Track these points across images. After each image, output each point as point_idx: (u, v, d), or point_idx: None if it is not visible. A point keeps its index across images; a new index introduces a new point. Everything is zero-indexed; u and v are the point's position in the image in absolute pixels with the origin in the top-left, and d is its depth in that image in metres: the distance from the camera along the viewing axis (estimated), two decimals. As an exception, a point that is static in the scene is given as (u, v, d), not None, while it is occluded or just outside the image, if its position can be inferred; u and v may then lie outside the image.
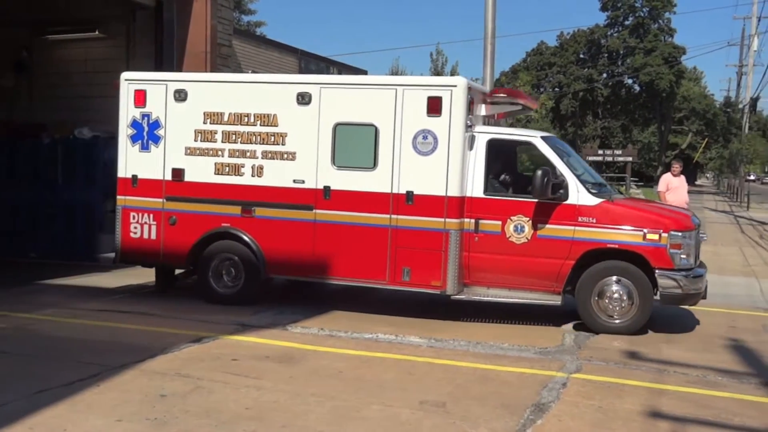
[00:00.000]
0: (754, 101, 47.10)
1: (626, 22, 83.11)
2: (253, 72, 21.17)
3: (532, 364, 8.23)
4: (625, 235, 9.52)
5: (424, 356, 8.41)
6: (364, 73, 29.41)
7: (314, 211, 10.24)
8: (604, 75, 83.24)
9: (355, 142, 10.14)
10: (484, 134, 10.05)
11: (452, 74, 50.45)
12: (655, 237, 9.45)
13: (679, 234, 9.54)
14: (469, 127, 9.83)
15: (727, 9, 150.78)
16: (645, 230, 9.49)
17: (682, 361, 8.50)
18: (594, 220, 9.59)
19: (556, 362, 8.29)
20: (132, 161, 11.00)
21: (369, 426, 6.15)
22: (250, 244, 10.50)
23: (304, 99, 10.26)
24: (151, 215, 10.92)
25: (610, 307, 9.60)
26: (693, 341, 9.49)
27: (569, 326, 10.02)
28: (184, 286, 11.64)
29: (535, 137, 10.28)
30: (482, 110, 10.55)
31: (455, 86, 9.79)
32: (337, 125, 10.15)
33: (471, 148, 9.87)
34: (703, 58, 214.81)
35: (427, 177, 9.81)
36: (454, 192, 9.75)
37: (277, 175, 10.39)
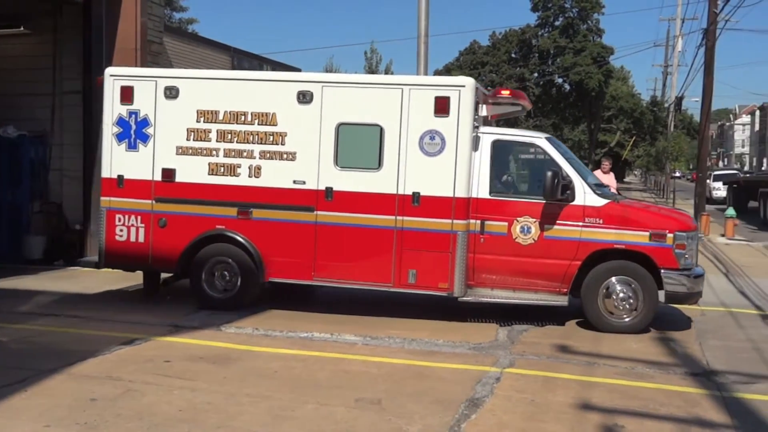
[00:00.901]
0: (679, 100, 48.41)
1: (556, 23, 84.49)
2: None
3: (467, 359, 8.32)
4: (632, 235, 9.62)
5: (360, 354, 8.42)
6: (298, 71, 29.25)
7: (316, 212, 9.99)
8: (536, 74, 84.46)
9: (359, 143, 9.95)
10: (489, 135, 10.03)
11: (386, 73, 50.65)
12: (661, 238, 9.60)
13: (684, 234, 9.70)
14: (475, 127, 9.83)
15: (653, 11, 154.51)
16: (651, 231, 9.63)
17: (611, 354, 8.69)
18: (601, 221, 9.68)
19: (490, 357, 8.39)
20: (118, 161, 10.50)
21: (304, 425, 6.13)
22: (247, 247, 10.18)
23: (305, 98, 10.01)
24: (139, 217, 10.47)
25: (618, 306, 9.67)
26: (623, 335, 9.67)
27: (502, 320, 10.14)
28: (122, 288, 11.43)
29: (540, 138, 10.33)
30: (483, 110, 10.41)
31: (463, 86, 9.72)
32: (340, 125, 9.93)
33: (476, 148, 9.83)
34: (631, 58, 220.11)
35: (434, 178, 9.71)
36: (461, 193, 9.68)
37: (277, 176, 10.09)
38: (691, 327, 10.16)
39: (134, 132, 10.45)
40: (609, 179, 16.63)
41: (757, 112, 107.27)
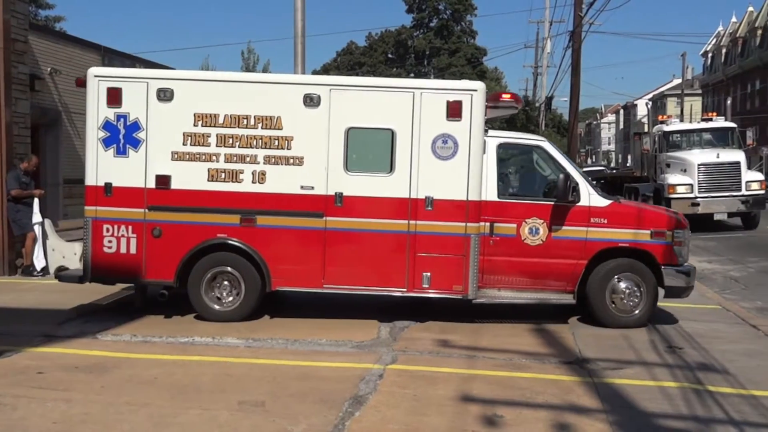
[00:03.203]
0: (549, 99, 50.26)
1: (431, 24, 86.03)
2: (53, 69, 20.03)
3: (350, 358, 8.38)
4: (635, 234, 9.98)
5: (242, 357, 8.35)
6: (168, 68, 28.60)
7: (325, 218, 9.75)
8: (412, 75, 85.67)
9: (369, 147, 9.80)
10: (494, 138, 10.16)
11: (264, 72, 50.23)
12: (662, 235, 10.03)
13: (681, 232, 10.15)
14: (485, 131, 9.88)
15: (523, 13, 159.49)
16: (652, 229, 10.03)
17: (491, 346, 8.95)
18: (605, 221, 10.00)
19: (373, 355, 8.48)
20: (105, 167, 9.82)
21: (186, 431, 6.03)
22: (252, 256, 9.82)
23: (312, 101, 9.73)
24: (130, 227, 9.83)
25: (625, 302, 10.00)
26: (500, 328, 10.00)
27: (385, 317, 10.25)
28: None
29: (543, 141, 10.62)
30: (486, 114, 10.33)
31: (476, 90, 9.76)
32: (350, 129, 9.74)
33: (483, 152, 9.87)
34: (503, 59, 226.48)
35: (447, 182, 9.69)
36: (474, 196, 9.71)
37: (283, 182, 9.75)
38: (565, 318, 10.54)
39: (123, 136, 9.80)
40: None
41: (621, 111, 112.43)
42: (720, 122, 24.98)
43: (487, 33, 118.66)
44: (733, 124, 25.24)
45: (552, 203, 10.00)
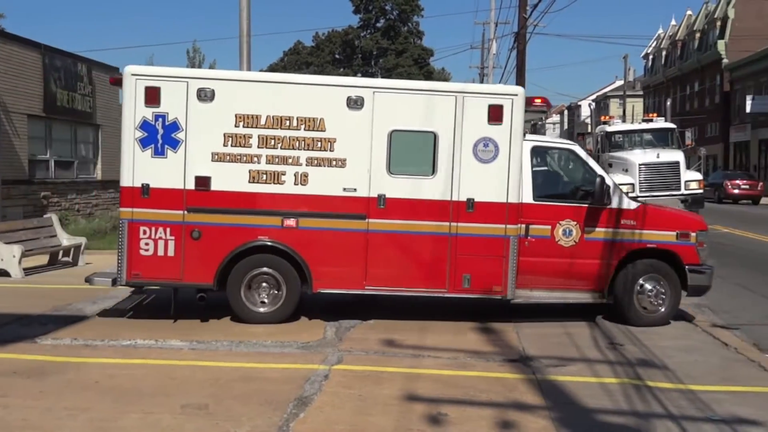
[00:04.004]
0: (495, 101, 50.58)
1: (378, 24, 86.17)
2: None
3: (295, 359, 8.35)
4: (662, 235, 10.32)
5: (186, 359, 8.25)
6: (116, 70, 28.14)
7: (367, 220, 9.75)
8: (359, 75, 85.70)
9: (412, 149, 9.83)
10: (528, 142, 10.27)
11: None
12: (686, 237, 10.37)
13: (704, 233, 10.54)
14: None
15: (469, 14, 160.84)
16: (678, 231, 10.37)
17: (436, 345, 9.00)
18: (634, 223, 10.28)
19: (318, 355, 8.46)
20: (142, 168, 9.57)
21: (128, 435, 5.94)
22: (294, 258, 9.74)
23: (356, 103, 9.72)
24: (168, 229, 9.63)
25: (652, 301, 10.28)
26: (446, 327, 10.05)
27: (331, 317, 10.24)
28: None
29: (574, 144, 10.89)
30: None
31: (516, 95, 9.91)
32: (393, 131, 9.76)
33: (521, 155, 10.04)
34: (450, 59, 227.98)
35: (487, 184, 9.82)
36: (514, 199, 9.86)
37: (325, 183, 9.69)
38: (508, 316, 10.64)
39: (162, 137, 9.57)
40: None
41: (566, 112, 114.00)
42: (660, 123, 25.48)
43: (433, 34, 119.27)
44: (672, 125, 25.76)
45: (586, 205, 10.24)
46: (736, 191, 39.60)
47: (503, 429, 6.28)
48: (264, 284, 9.89)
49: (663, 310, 10.34)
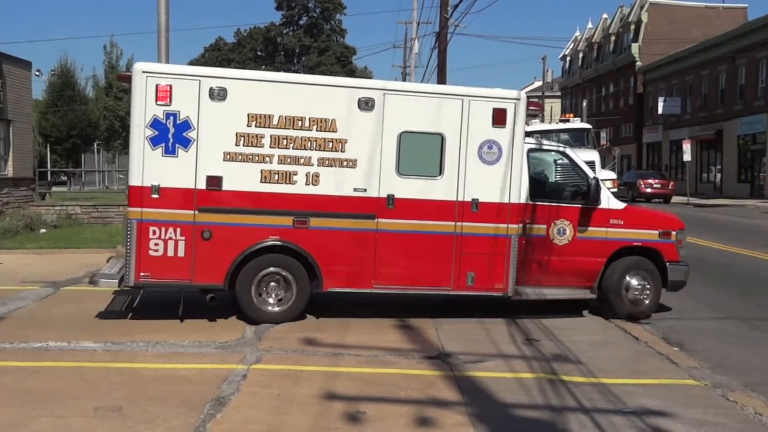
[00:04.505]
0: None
1: (301, 22, 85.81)
2: None
3: (213, 359, 8.24)
4: (646, 234, 10.94)
5: (100, 361, 8.06)
6: (28, 64, 27.34)
7: (377, 220, 9.87)
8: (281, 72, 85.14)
9: (420, 151, 10.00)
10: (525, 144, 10.45)
11: (127, 68, 48.68)
12: (668, 235, 11.01)
13: (683, 233, 11.19)
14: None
15: (392, 13, 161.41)
16: (660, 230, 11.01)
17: (356, 344, 9.01)
18: (622, 222, 10.85)
19: (237, 355, 8.37)
20: (152, 167, 9.34)
21: (37, 440, 5.77)
22: (305, 258, 9.74)
23: (367, 105, 9.81)
24: (179, 229, 9.43)
25: (636, 296, 10.83)
26: (367, 325, 10.06)
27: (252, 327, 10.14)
28: None
29: (566, 147, 11.46)
30: None
31: (519, 99, 10.23)
32: (402, 133, 9.89)
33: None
34: (373, 58, 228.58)
35: (491, 185, 10.12)
36: (515, 199, 10.19)
37: (336, 184, 9.74)
38: (428, 313, 10.73)
39: (173, 135, 9.37)
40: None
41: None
42: (576, 123, 26.08)
43: (356, 32, 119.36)
44: (588, 125, 26.39)
45: (579, 206, 10.74)
46: (649, 190, 40.80)
47: (421, 425, 6.33)
48: (272, 284, 9.89)
49: (647, 302, 10.91)
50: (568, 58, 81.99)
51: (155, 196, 9.38)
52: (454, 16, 27.08)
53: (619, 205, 11.03)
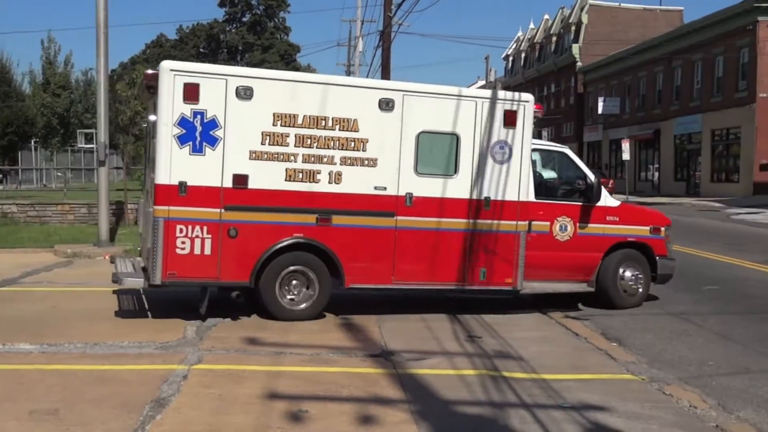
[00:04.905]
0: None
1: (244, 19, 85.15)
2: None
3: (153, 359, 8.12)
4: (639, 230, 11.72)
5: (35, 363, 7.87)
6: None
7: (396, 217, 10.12)
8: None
9: (437, 150, 10.31)
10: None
11: (66, 64, 47.73)
12: (658, 231, 11.85)
13: (670, 228, 11.99)
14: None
15: (336, 11, 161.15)
16: (651, 226, 11.85)
17: (299, 342, 8.97)
18: (617, 219, 11.54)
19: (178, 355, 8.25)
20: (179, 166, 9.31)
21: (-31, 445, 5.61)
22: (328, 255, 9.90)
23: (387, 105, 10.05)
24: (205, 227, 9.45)
25: (631, 287, 11.57)
26: (310, 324, 10.00)
27: (194, 323, 10.02)
28: None
29: (565, 148, 12.18)
30: None
31: (528, 102, 10.66)
32: (420, 133, 10.17)
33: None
34: (317, 56, 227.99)
35: (502, 184, 10.49)
36: (523, 197, 10.61)
37: (357, 182, 9.94)
38: (371, 311, 10.74)
39: (200, 134, 9.38)
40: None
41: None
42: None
43: (300, 30, 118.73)
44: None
45: (579, 203, 11.35)
46: (589, 188, 41.47)
47: (363, 423, 6.33)
48: (294, 282, 9.99)
49: (641, 292, 11.71)
50: (510, 58, 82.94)
51: (182, 194, 9.40)
52: (398, 15, 27.20)
53: (615, 202, 11.73)
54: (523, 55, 77.93)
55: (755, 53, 39.27)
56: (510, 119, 10.54)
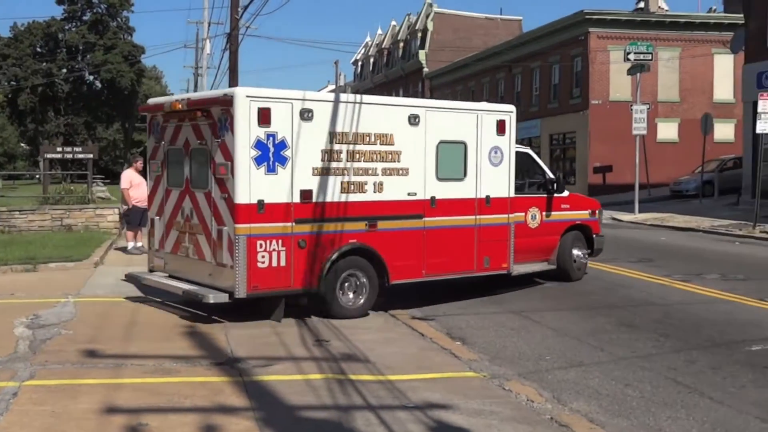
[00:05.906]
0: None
1: (84, 17, 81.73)
2: None
3: (-21, 377, 7.61)
4: (583, 214, 14.61)
5: None
6: None
7: (424, 219, 11.52)
8: (64, 70, 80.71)
9: (451, 157, 11.80)
10: None
11: None
12: (594, 213, 14.82)
13: (602, 211, 15.21)
14: None
15: (182, 12, 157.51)
16: (590, 210, 14.79)
17: (141, 353, 8.68)
18: (569, 206, 14.28)
19: (7, 372, 7.78)
20: (257, 185, 9.98)
21: None
22: (377, 257, 11.00)
23: (415, 120, 11.38)
24: (281, 241, 10.19)
25: (580, 261, 14.39)
26: (153, 333, 9.73)
27: (25, 330, 9.47)
28: None
29: (527, 148, 14.93)
30: None
31: (512, 112, 12.72)
32: (439, 143, 11.63)
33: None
34: (163, 57, 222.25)
35: (497, 183, 12.36)
36: (511, 193, 12.59)
37: (395, 190, 11.20)
38: (218, 318, 10.55)
39: (272, 155, 10.10)
40: (142, 179, 16.59)
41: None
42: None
43: (145, 30, 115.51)
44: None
45: (544, 195, 13.80)
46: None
47: (207, 434, 6.19)
48: (346, 284, 10.90)
49: (586, 265, 14.59)
50: (359, 63, 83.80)
51: (261, 212, 10.03)
52: (245, 17, 26.84)
53: (566, 193, 14.25)
54: (372, 60, 78.91)
55: (587, 62, 41.49)
56: (501, 127, 12.42)
